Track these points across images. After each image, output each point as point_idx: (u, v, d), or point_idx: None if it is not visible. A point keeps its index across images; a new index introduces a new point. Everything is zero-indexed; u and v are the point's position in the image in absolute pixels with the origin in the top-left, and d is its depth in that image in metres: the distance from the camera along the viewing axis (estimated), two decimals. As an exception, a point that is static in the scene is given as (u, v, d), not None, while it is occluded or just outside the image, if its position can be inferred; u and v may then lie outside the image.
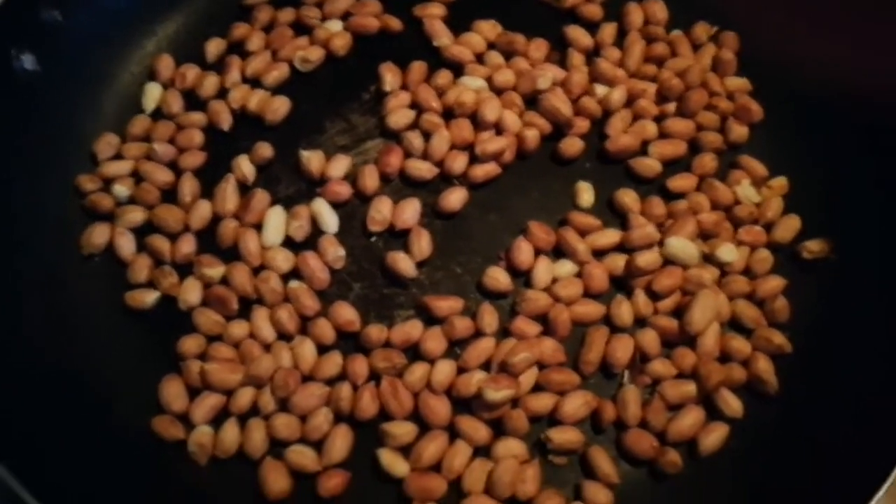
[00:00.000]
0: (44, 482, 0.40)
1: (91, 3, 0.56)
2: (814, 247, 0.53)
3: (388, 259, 0.52)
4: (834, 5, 0.56)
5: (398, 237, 0.53)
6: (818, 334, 0.51)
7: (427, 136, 0.56)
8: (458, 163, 0.55)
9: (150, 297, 0.50)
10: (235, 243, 0.52)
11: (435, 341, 0.49)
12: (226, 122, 0.56)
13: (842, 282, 0.52)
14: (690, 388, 0.49)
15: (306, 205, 0.53)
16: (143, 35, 0.59)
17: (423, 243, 0.52)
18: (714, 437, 0.47)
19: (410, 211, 0.53)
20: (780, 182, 0.55)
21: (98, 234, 0.52)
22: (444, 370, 0.48)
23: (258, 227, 0.52)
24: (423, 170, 0.55)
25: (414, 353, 0.50)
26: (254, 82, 0.58)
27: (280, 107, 0.57)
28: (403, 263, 0.51)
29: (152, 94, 0.58)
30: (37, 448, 0.43)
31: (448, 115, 0.57)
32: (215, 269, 0.51)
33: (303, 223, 0.52)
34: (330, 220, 0.53)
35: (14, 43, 0.52)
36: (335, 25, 0.61)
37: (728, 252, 0.52)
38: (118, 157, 0.55)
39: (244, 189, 0.54)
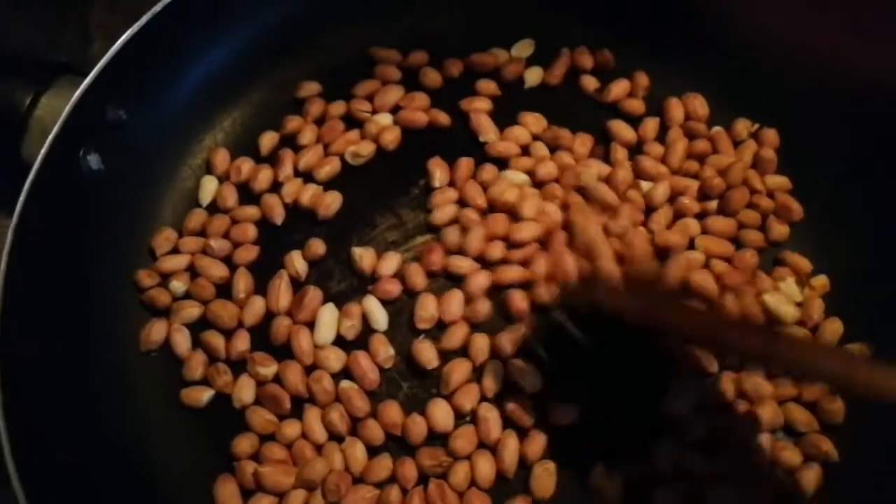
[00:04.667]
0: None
1: (154, 101, 0.58)
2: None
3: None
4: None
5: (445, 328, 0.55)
6: (864, 439, 0.51)
7: (464, 230, 0.57)
8: (496, 252, 0.56)
9: (205, 395, 0.52)
10: (288, 340, 0.53)
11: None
12: (279, 216, 0.58)
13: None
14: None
15: (357, 302, 0.55)
16: (200, 130, 0.61)
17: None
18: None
19: (455, 304, 0.55)
20: (822, 281, 0.56)
21: (156, 331, 0.54)
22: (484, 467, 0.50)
23: (310, 324, 0.54)
24: (462, 267, 0.56)
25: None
26: (306, 176, 0.60)
27: (332, 202, 0.58)
28: (451, 363, 0.53)
29: (208, 187, 0.59)
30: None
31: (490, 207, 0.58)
32: (269, 368, 0.52)
33: (355, 322, 0.54)
34: (380, 318, 0.54)
35: (82, 144, 0.54)
36: (385, 119, 0.62)
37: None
38: (175, 251, 0.57)
39: (297, 285, 0.56)
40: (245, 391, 0.52)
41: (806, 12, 0.58)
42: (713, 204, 0.58)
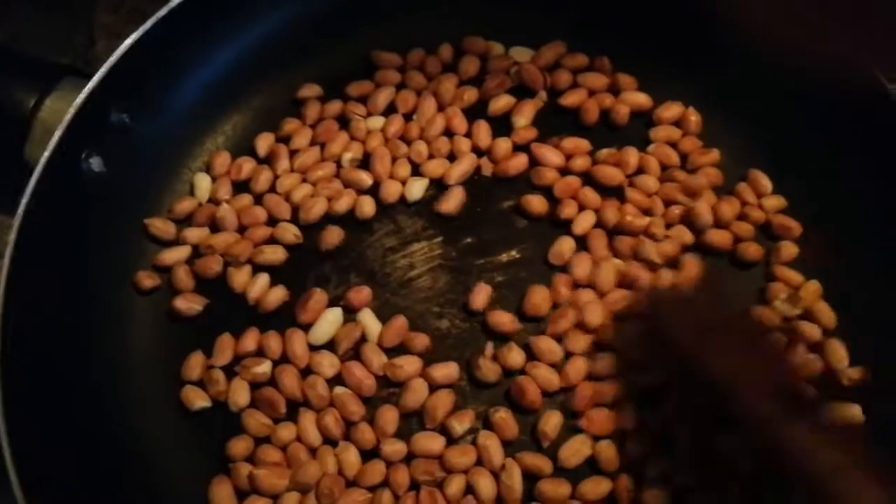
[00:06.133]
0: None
1: (157, 105, 0.59)
2: (854, 374, 0.53)
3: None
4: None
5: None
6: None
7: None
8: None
9: (202, 398, 0.53)
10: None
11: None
12: (286, 212, 0.58)
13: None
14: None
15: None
16: (202, 133, 0.62)
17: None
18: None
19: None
20: (813, 287, 0.56)
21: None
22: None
23: (306, 327, 0.55)
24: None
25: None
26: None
27: (314, 207, 0.58)
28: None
29: (202, 184, 0.60)
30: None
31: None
32: (261, 366, 0.53)
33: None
34: (375, 329, 0.55)
35: (85, 147, 0.54)
36: (377, 122, 0.62)
37: None
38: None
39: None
40: (240, 395, 0.52)
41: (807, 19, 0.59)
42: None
